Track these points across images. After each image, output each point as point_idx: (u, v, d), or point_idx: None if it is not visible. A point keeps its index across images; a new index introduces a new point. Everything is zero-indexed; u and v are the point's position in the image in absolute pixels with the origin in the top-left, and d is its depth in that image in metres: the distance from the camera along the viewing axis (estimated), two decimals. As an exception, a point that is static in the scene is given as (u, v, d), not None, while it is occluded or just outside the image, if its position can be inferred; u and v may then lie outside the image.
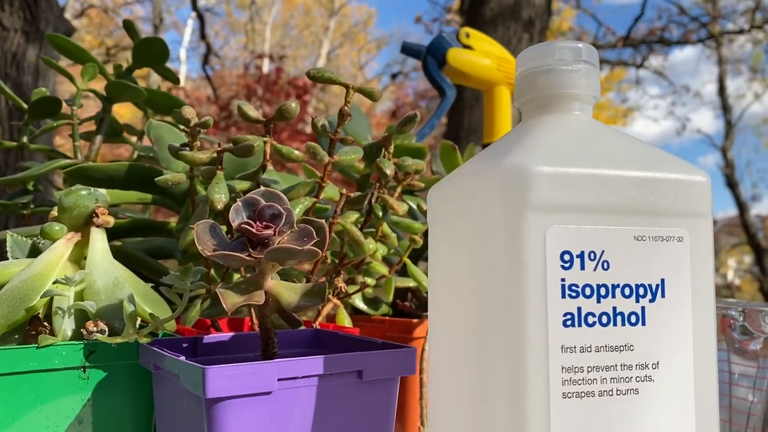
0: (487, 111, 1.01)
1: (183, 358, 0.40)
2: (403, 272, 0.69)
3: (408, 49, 1.00)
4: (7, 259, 0.60)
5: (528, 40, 4.33)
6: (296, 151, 0.61)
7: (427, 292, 0.76)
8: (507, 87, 1.01)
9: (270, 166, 0.61)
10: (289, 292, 0.44)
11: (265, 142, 0.61)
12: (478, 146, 0.84)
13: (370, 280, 0.63)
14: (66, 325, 0.48)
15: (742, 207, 10.36)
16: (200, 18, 9.75)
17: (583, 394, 0.35)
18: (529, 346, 0.34)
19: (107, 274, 0.52)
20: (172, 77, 0.90)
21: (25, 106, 0.89)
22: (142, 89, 0.81)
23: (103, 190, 0.54)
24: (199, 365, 0.37)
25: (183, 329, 0.56)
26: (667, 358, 0.36)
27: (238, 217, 0.44)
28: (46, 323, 0.50)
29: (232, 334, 0.51)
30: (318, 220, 0.45)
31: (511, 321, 0.35)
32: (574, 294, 0.35)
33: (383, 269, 0.63)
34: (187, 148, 0.63)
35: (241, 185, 0.61)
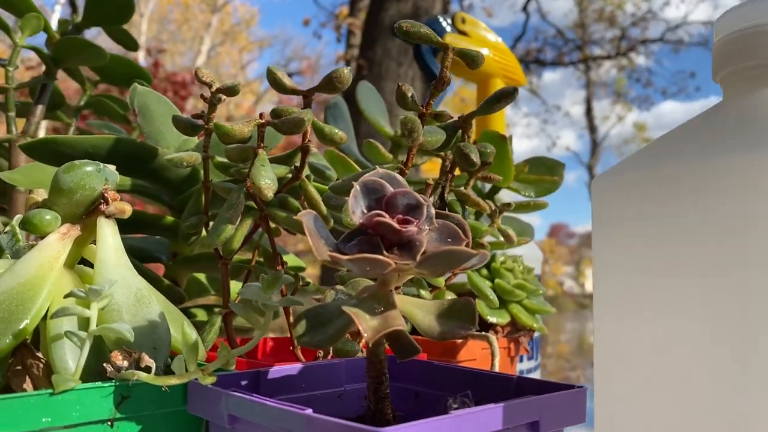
0: (481, 105, 0.92)
1: (310, 411, 0.27)
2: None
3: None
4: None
5: (426, 49, 4.34)
6: (339, 132, 0.49)
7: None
8: (502, 80, 0.92)
9: (314, 149, 0.48)
10: (423, 312, 0.32)
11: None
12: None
13: (425, 293, 0.52)
14: (77, 359, 0.33)
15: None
16: (72, 5, 9.05)
17: None
18: None
19: (127, 284, 0.37)
20: (130, 42, 0.74)
21: (-68, 64, 0.69)
22: (105, 51, 0.65)
23: (112, 167, 0.40)
24: (367, 428, 0.24)
25: (211, 356, 0.42)
26: None
27: (357, 206, 0.32)
28: (40, 354, 0.35)
29: (300, 365, 0.38)
30: (454, 214, 0.34)
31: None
32: None
33: (440, 280, 0.52)
34: (201, 121, 0.49)
35: (277, 170, 0.48)
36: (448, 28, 0.90)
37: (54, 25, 0.71)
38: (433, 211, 0.32)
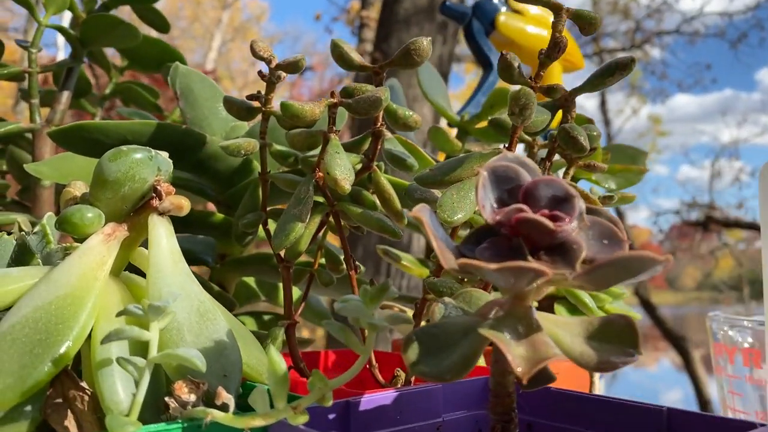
0: (536, 91, 0.85)
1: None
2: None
3: (448, 11, 0.83)
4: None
5: (441, 42, 4.28)
6: (414, 114, 0.42)
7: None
8: (560, 63, 0.85)
9: (388, 134, 0.42)
10: (571, 335, 0.26)
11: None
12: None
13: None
14: (130, 390, 0.27)
15: (621, 216, 10.92)
16: None
17: None
18: None
19: (188, 296, 0.30)
20: (162, 23, 0.67)
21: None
22: (137, 29, 0.58)
23: (165, 154, 0.33)
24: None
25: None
26: None
27: (486, 199, 0.25)
28: (84, 384, 0.28)
29: (394, 392, 0.32)
30: (602, 208, 0.27)
31: None
32: None
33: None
34: (257, 103, 0.43)
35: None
36: (502, 7, 0.83)
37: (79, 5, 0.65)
38: (584, 204, 0.25)
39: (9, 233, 0.39)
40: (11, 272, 0.31)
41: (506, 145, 0.38)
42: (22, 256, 0.36)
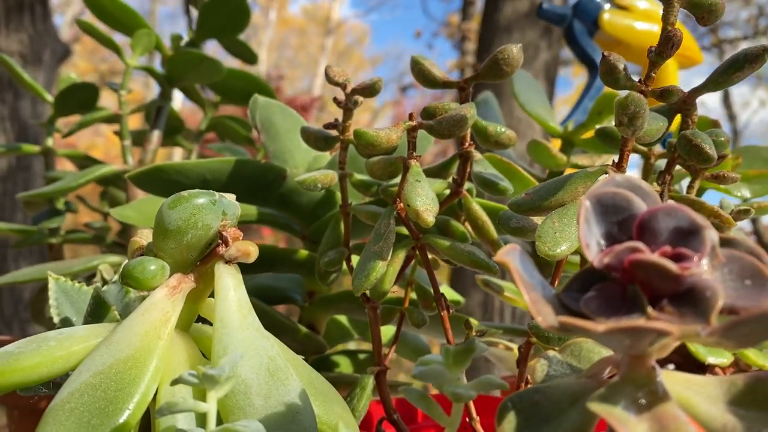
0: (650, 92, 0.78)
1: None
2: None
3: (546, 14, 0.77)
4: (51, 318, 0.36)
5: (546, 48, 4.16)
6: (507, 131, 0.38)
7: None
8: (675, 60, 0.77)
9: (477, 155, 0.37)
10: (708, 401, 0.20)
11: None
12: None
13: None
14: (194, 465, 0.24)
15: (757, 229, 10.19)
16: (187, 10, 9.52)
17: None
18: None
19: (256, 353, 0.27)
20: (249, 55, 0.66)
21: (50, 98, 0.65)
22: (221, 63, 0.57)
23: (231, 197, 0.31)
24: None
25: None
26: None
27: (591, 235, 0.20)
28: (147, 456, 0.26)
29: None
30: (740, 237, 0.21)
31: None
32: None
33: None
34: (335, 132, 0.40)
35: (432, 186, 0.37)
36: (605, 4, 0.76)
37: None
38: (717, 237, 0.20)
39: (90, 279, 0.38)
40: (77, 332, 0.29)
41: (616, 161, 0.33)
42: (97, 310, 0.34)
